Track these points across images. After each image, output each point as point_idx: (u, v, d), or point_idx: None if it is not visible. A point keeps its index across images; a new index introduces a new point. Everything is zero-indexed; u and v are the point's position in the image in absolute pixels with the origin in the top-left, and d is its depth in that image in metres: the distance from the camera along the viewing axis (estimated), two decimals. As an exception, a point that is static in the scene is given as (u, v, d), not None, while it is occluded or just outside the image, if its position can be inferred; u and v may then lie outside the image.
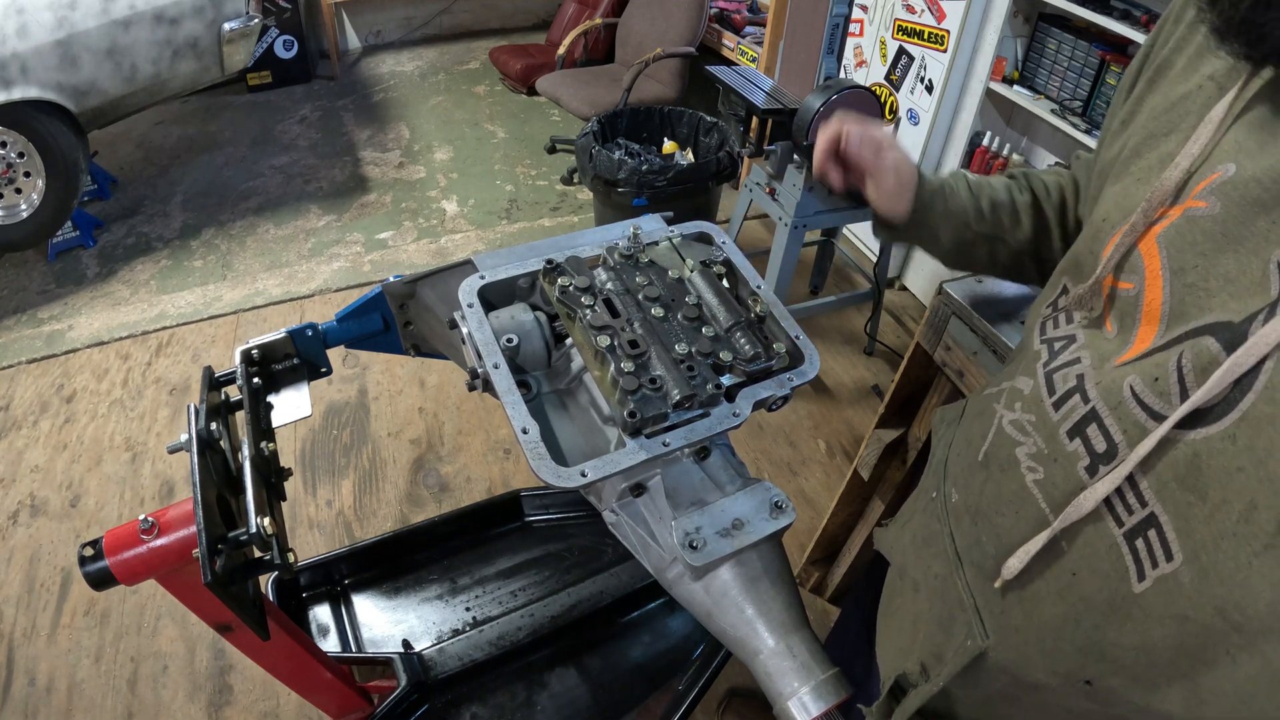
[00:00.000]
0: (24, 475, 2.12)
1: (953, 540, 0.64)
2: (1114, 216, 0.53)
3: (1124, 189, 0.54)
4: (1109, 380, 0.49)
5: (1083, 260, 0.57)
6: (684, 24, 3.39)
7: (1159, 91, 0.56)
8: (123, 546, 0.79)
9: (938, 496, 0.69)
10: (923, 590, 0.69)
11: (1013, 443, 0.56)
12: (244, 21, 2.86)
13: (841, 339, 2.67)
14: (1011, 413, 0.57)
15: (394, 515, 2.03)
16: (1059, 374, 0.53)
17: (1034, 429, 0.54)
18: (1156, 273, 0.47)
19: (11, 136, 2.57)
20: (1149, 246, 0.48)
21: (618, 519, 0.74)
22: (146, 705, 1.63)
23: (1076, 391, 0.51)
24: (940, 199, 0.79)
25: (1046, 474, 0.52)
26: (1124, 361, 0.48)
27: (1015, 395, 0.58)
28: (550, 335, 0.79)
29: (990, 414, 0.61)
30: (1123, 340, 0.50)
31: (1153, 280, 0.48)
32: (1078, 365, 0.52)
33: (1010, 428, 0.57)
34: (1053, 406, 0.53)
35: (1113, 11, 1.97)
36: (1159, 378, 0.45)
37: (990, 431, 0.59)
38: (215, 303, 2.76)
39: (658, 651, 1.30)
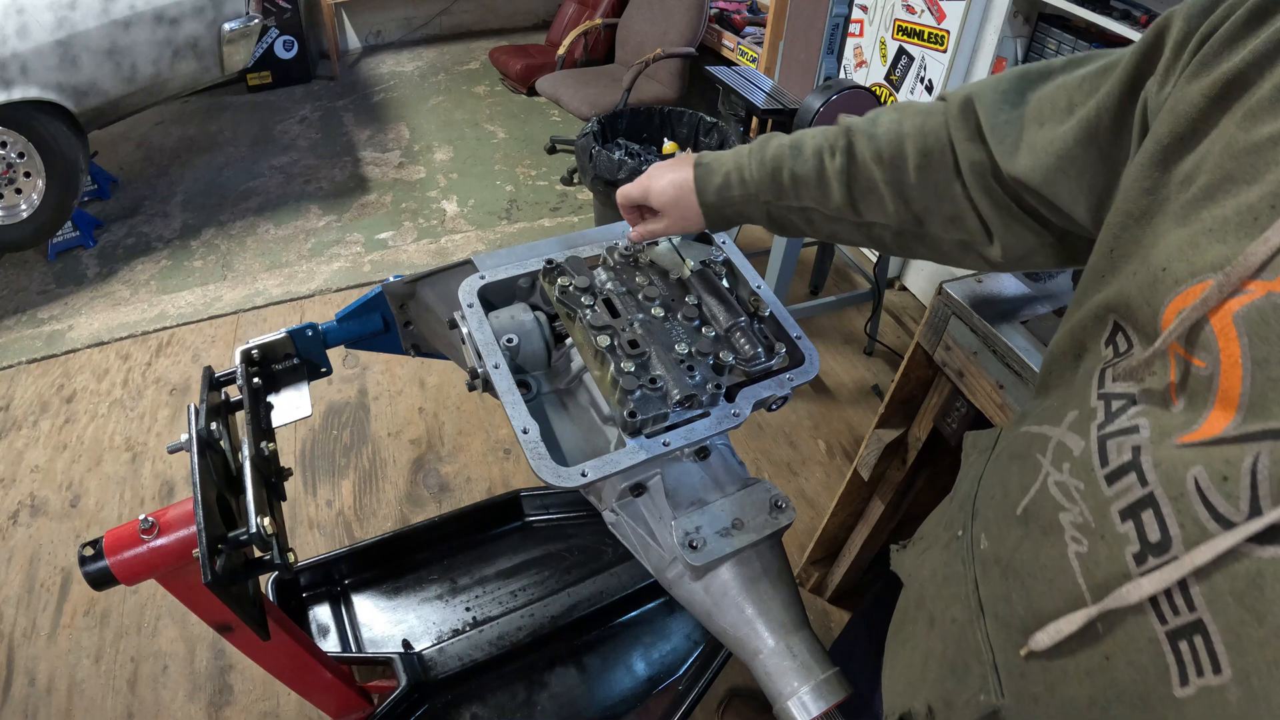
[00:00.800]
0: (24, 475, 2.12)
1: (977, 588, 0.61)
2: (1178, 271, 0.47)
3: (1192, 239, 0.48)
4: (1170, 463, 0.44)
5: (1135, 306, 0.50)
6: (684, 24, 3.39)
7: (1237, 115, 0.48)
8: (123, 546, 0.79)
9: (964, 536, 0.65)
10: (938, 629, 0.66)
11: (1057, 506, 0.52)
12: (244, 22, 2.86)
13: (841, 339, 2.67)
14: (1059, 473, 0.53)
15: (394, 515, 2.03)
16: (1113, 441, 0.49)
17: (1081, 498, 0.50)
18: (1235, 359, 0.42)
19: (11, 136, 2.57)
20: (1224, 324, 0.43)
21: (618, 519, 0.74)
22: (146, 705, 1.63)
23: (1133, 469, 0.47)
24: (728, 192, 0.77)
25: (1090, 549, 0.49)
26: (1188, 442, 0.44)
27: (1063, 454, 0.53)
28: (550, 335, 0.79)
29: (1034, 466, 0.56)
30: (1189, 419, 0.45)
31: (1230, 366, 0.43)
32: (1135, 435, 0.48)
33: (1055, 489, 0.53)
34: (1105, 479, 0.48)
35: (1113, 11, 1.97)
36: (1228, 477, 0.41)
37: (1033, 486, 0.55)
38: (215, 303, 2.76)
39: (658, 651, 1.30)
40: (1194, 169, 0.49)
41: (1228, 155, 0.47)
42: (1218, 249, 0.45)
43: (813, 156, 0.74)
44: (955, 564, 0.65)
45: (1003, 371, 1.07)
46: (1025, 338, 1.08)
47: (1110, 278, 0.56)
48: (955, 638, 0.63)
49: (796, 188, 0.74)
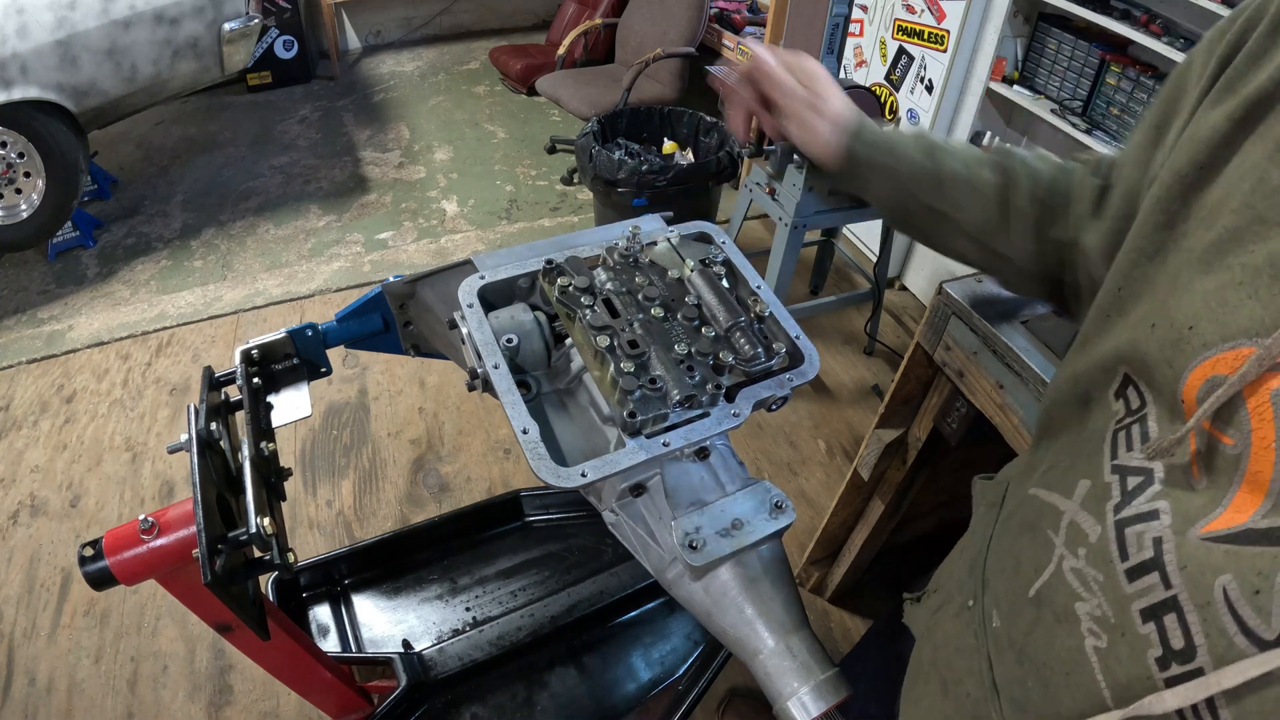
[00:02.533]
0: (24, 475, 2.12)
1: (990, 668, 0.58)
2: (1207, 333, 0.43)
3: (1220, 293, 0.43)
4: (1197, 566, 0.41)
5: (1153, 365, 0.46)
6: (684, 24, 3.39)
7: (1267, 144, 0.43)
8: (123, 546, 0.79)
9: (975, 607, 0.62)
10: (951, 698, 0.64)
11: (1073, 594, 0.49)
12: (244, 21, 2.86)
13: (841, 339, 2.67)
14: (1074, 559, 0.50)
15: (394, 515, 2.03)
16: (1132, 530, 0.46)
17: (1100, 590, 0.47)
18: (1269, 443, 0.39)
19: (11, 136, 2.57)
20: (1260, 403, 0.40)
21: (618, 519, 0.74)
22: (146, 705, 1.63)
23: (1155, 568, 0.44)
24: (882, 154, 0.72)
25: (1110, 646, 0.46)
26: (1212, 533, 0.41)
27: (1078, 537, 0.50)
28: (550, 335, 0.79)
29: (1046, 544, 0.53)
30: (1211, 499, 0.42)
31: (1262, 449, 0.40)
32: (1155, 523, 0.45)
33: (1071, 575, 0.50)
34: (1125, 575, 0.45)
35: (1113, 11, 1.97)
36: (1260, 591, 0.38)
37: (1047, 569, 0.52)
38: (215, 303, 2.76)
39: (658, 651, 1.30)
40: (1218, 204, 0.45)
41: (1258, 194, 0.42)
42: (1251, 309, 0.41)
43: (964, 162, 0.71)
44: (967, 636, 0.62)
45: (1003, 371, 1.07)
46: (1025, 338, 1.08)
47: (1117, 320, 0.52)
48: (969, 712, 0.60)
49: (946, 186, 0.70)
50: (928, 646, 0.71)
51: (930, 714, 0.67)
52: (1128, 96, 2.04)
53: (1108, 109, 2.11)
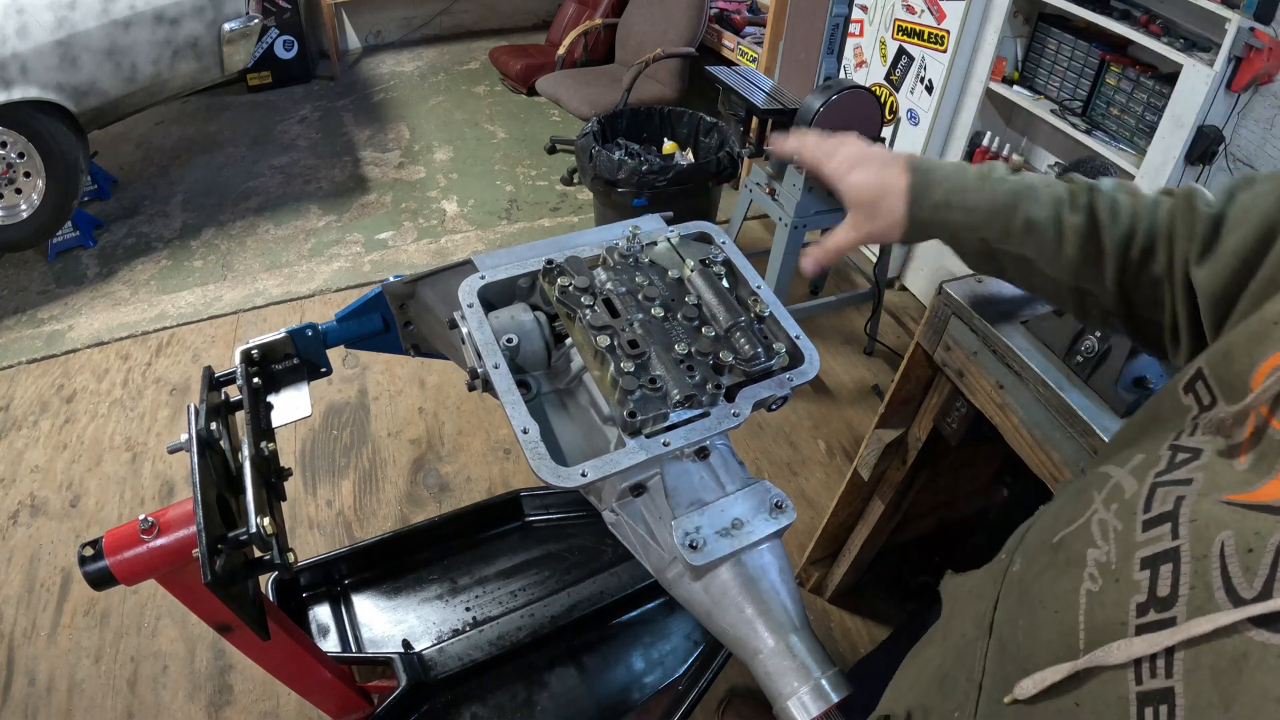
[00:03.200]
0: (24, 475, 2.12)
1: (994, 608, 0.60)
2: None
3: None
4: (1205, 520, 0.43)
5: (1235, 355, 0.49)
6: (684, 24, 3.39)
7: None
8: (123, 546, 0.79)
9: (1005, 559, 0.64)
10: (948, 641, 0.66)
11: (1090, 542, 0.51)
12: (244, 21, 2.86)
13: (841, 339, 2.67)
14: (1105, 512, 0.52)
15: (394, 515, 2.03)
16: (1162, 490, 0.48)
17: (1115, 539, 0.49)
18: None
19: (11, 136, 2.57)
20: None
21: (618, 519, 0.74)
22: (146, 705, 1.63)
23: (1169, 519, 0.46)
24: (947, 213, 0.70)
25: (1101, 589, 0.48)
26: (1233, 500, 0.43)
27: (1116, 494, 0.52)
28: (550, 335, 0.79)
29: (1087, 501, 0.55)
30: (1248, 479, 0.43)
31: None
32: (1185, 487, 0.46)
33: (1096, 527, 0.52)
34: (1142, 526, 0.47)
35: (1113, 11, 1.97)
36: (1254, 549, 0.40)
37: (1079, 520, 0.54)
38: (215, 303, 2.77)
39: (658, 651, 1.30)
40: None
41: None
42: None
43: (1049, 205, 0.69)
44: (987, 582, 0.64)
45: (1003, 371, 1.07)
46: (1025, 338, 1.08)
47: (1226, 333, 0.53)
48: (957, 651, 0.62)
49: (1027, 233, 0.68)
50: (949, 601, 0.72)
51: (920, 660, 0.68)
52: (1128, 96, 2.04)
53: (1108, 109, 2.11)
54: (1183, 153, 1.85)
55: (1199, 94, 1.77)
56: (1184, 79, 1.80)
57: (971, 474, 1.56)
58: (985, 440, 1.15)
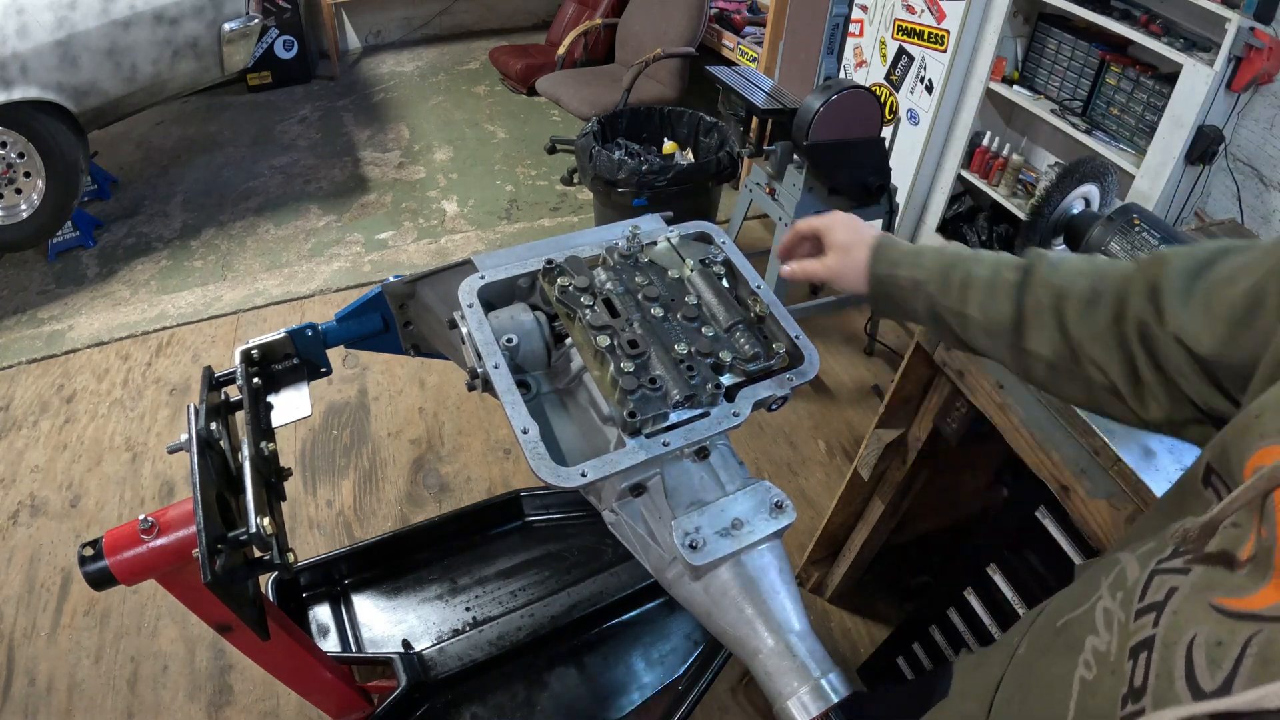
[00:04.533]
0: (24, 475, 2.12)
1: (996, 689, 0.60)
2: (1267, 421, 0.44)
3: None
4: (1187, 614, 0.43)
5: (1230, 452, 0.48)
6: (684, 24, 3.39)
7: None
8: (123, 546, 0.79)
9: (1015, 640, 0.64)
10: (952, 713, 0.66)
11: (1091, 629, 0.51)
12: (244, 21, 2.86)
13: (841, 339, 2.67)
14: (1110, 600, 0.51)
15: (394, 515, 2.03)
16: (1159, 578, 0.47)
17: (1116, 629, 0.48)
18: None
19: (11, 136, 2.57)
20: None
21: (618, 519, 0.74)
22: (146, 705, 1.63)
23: (1156, 609, 0.45)
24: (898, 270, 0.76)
25: (1096, 679, 0.48)
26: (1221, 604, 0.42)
27: (1120, 581, 0.52)
28: (550, 335, 0.79)
29: (1094, 586, 0.55)
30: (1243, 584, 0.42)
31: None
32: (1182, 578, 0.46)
33: (1100, 615, 0.51)
34: (1135, 614, 0.47)
35: (1113, 11, 1.97)
36: (1223, 643, 0.39)
37: (1084, 605, 0.54)
38: (215, 303, 2.76)
39: (658, 651, 1.30)
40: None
41: None
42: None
43: (990, 266, 0.72)
44: (995, 666, 0.64)
45: (1003, 371, 1.07)
46: (1025, 338, 1.08)
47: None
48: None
49: (965, 290, 0.72)
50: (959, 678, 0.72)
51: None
52: (1128, 96, 2.04)
53: (1108, 109, 2.10)
54: (1183, 152, 1.85)
55: (1199, 94, 1.77)
56: (1184, 79, 1.80)
57: (971, 474, 1.56)
58: (985, 440, 1.15)
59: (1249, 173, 1.90)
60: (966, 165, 2.49)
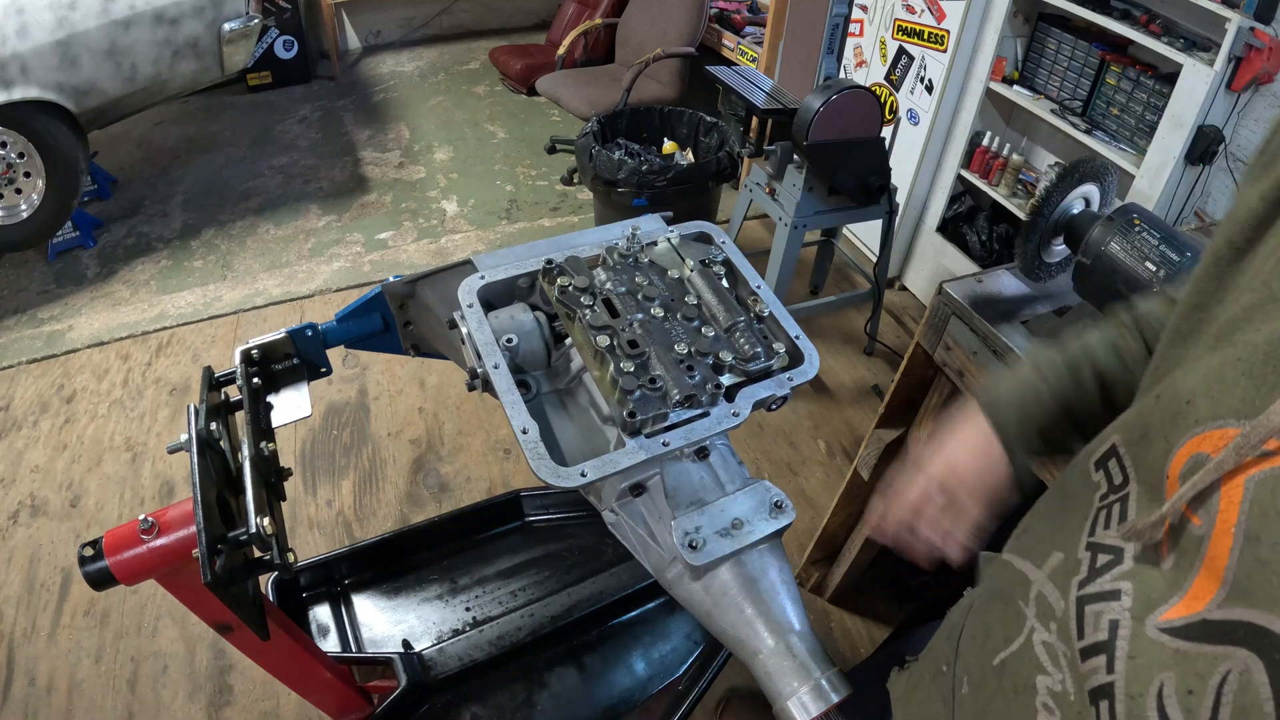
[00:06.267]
0: (24, 475, 2.12)
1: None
2: (1201, 407, 0.42)
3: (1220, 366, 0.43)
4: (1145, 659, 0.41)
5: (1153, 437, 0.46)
6: (684, 24, 3.39)
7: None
8: (123, 546, 0.79)
9: (947, 673, 0.62)
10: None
11: (1038, 667, 0.49)
12: (244, 21, 2.86)
13: (841, 339, 2.67)
14: (1046, 632, 0.49)
15: (394, 515, 2.03)
16: (1092, 609, 0.46)
17: (1066, 667, 0.47)
18: (1229, 527, 0.39)
19: (11, 136, 2.57)
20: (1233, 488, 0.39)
21: (617, 519, 0.74)
22: (146, 705, 1.63)
23: (1104, 651, 0.44)
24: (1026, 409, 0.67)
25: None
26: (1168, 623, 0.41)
27: (1047, 611, 0.50)
28: (550, 335, 0.79)
29: (1018, 615, 0.53)
30: (1175, 581, 0.42)
31: (1222, 533, 0.39)
32: (1115, 604, 0.44)
33: (1041, 649, 0.49)
34: (1080, 654, 0.46)
35: (1113, 11, 1.97)
36: (1194, 691, 0.38)
37: (1017, 640, 0.52)
38: (215, 303, 2.76)
39: (658, 651, 1.30)
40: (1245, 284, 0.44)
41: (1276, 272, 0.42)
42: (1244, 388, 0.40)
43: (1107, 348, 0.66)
44: (937, 702, 0.63)
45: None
46: (1025, 338, 1.08)
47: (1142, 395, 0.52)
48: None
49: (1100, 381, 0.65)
50: (901, 712, 0.72)
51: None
52: (1128, 96, 2.04)
53: (1108, 109, 2.10)
54: (1183, 153, 1.85)
55: (1199, 94, 1.77)
56: (1184, 79, 1.80)
57: (971, 474, 1.56)
58: (985, 440, 1.15)
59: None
60: (966, 165, 2.49)
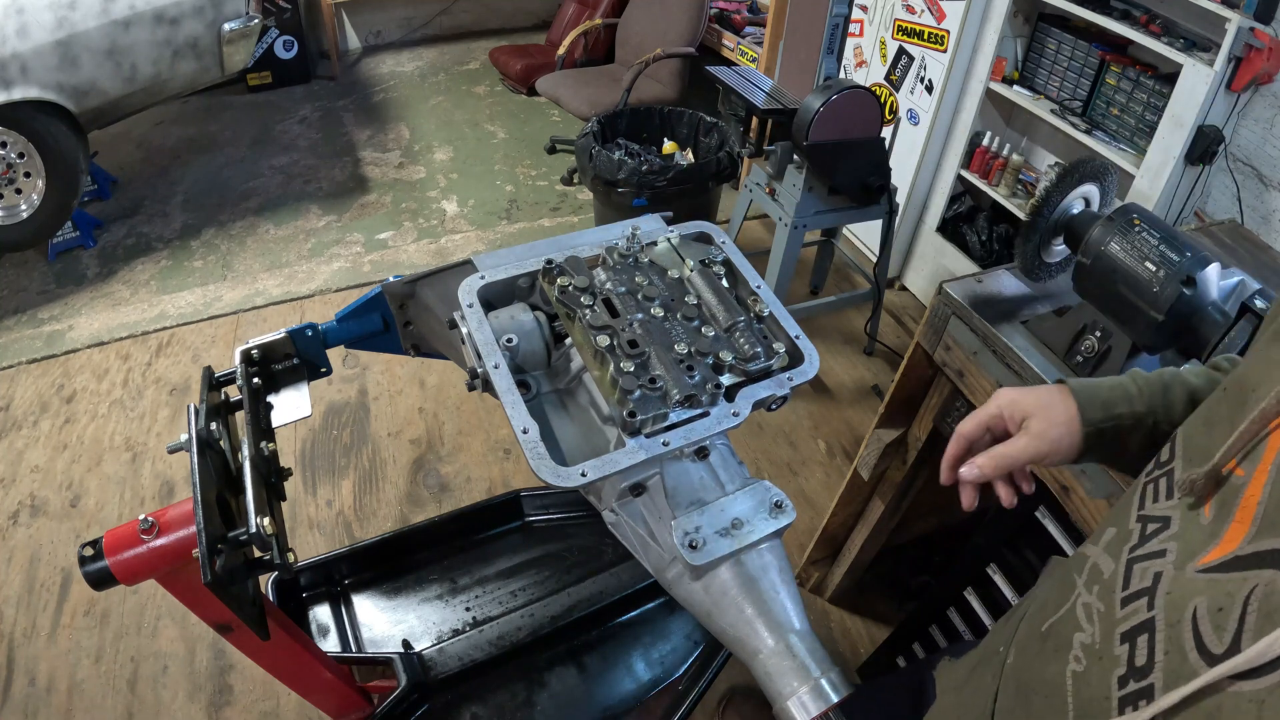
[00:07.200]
0: (24, 475, 2.12)
1: (994, 701, 0.61)
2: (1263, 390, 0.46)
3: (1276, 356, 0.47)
4: (1180, 591, 0.44)
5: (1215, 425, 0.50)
6: (684, 24, 3.39)
7: None
8: (123, 546, 0.79)
9: (1003, 652, 0.65)
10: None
11: (1076, 626, 0.52)
12: (244, 21, 2.86)
13: (841, 339, 2.67)
14: (1088, 595, 0.53)
15: (394, 515, 2.03)
16: (1139, 565, 0.49)
17: (1099, 619, 0.50)
18: (1267, 465, 0.41)
19: (11, 137, 2.57)
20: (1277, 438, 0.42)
21: (618, 519, 0.74)
22: (146, 705, 1.63)
23: (1146, 594, 0.47)
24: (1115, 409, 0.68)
25: (1086, 668, 0.49)
26: (1205, 565, 0.43)
27: (1095, 576, 0.54)
28: (550, 335, 0.79)
29: (1070, 585, 0.56)
30: (1214, 531, 0.44)
31: (1260, 472, 0.42)
32: (1161, 560, 0.47)
33: (1081, 611, 0.53)
34: (1121, 603, 0.48)
35: (1113, 11, 1.97)
36: (1223, 608, 0.40)
37: (1065, 606, 0.55)
38: (215, 303, 2.76)
39: (658, 651, 1.30)
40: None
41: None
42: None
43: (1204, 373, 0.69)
44: (987, 676, 0.65)
45: (1003, 371, 1.07)
46: (1025, 338, 1.08)
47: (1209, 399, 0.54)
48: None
49: (1190, 404, 0.67)
50: (951, 694, 0.73)
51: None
52: (1128, 96, 2.04)
53: (1108, 109, 2.10)
54: (1183, 153, 1.85)
55: (1199, 94, 1.77)
56: (1184, 79, 1.80)
57: (971, 474, 1.56)
58: (985, 440, 1.15)
59: (1249, 173, 1.90)
60: (966, 165, 2.49)
